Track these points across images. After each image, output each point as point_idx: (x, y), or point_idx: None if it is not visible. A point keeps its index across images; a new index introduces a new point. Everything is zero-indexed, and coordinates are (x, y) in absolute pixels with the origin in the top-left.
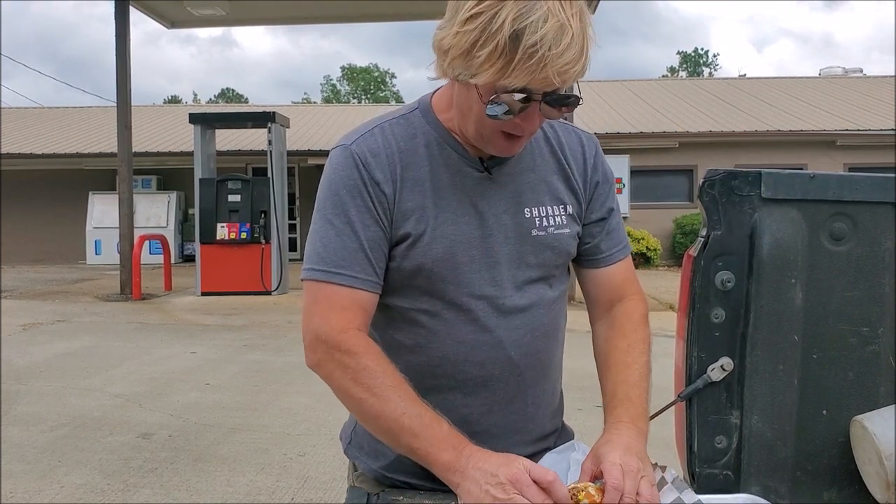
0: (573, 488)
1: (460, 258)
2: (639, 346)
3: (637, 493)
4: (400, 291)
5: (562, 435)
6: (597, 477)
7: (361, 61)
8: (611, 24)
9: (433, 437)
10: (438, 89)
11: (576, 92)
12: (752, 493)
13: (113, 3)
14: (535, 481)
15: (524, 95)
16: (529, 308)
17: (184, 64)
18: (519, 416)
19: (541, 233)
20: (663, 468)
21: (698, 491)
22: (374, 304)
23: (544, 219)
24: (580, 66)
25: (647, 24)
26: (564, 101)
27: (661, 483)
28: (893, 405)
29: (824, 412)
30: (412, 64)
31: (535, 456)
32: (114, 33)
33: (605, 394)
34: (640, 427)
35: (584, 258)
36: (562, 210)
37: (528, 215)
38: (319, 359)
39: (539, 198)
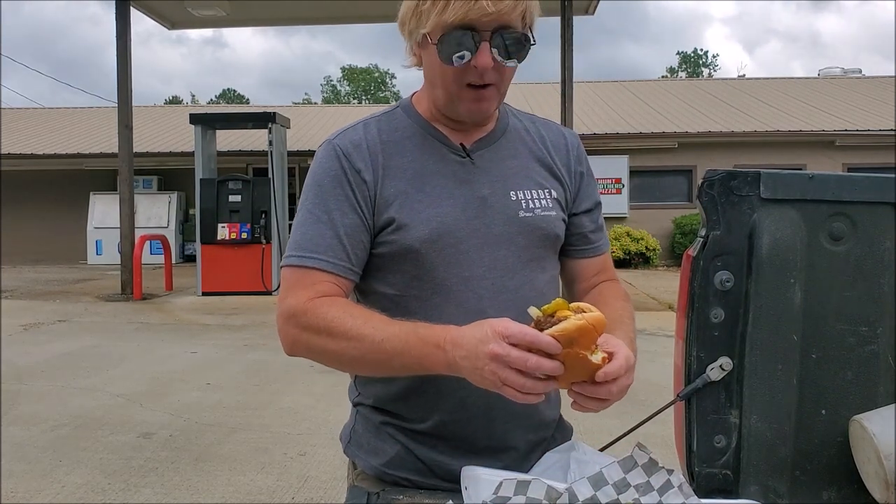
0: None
1: (447, 240)
2: (628, 312)
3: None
4: (391, 279)
5: (560, 427)
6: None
7: (353, 61)
8: (599, 24)
9: (416, 347)
10: (416, 92)
11: (523, 31)
12: (751, 493)
13: (113, 3)
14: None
15: (471, 32)
16: (519, 290)
17: (176, 65)
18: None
19: (528, 214)
20: (670, 471)
21: (698, 490)
22: (348, 289)
23: (530, 201)
24: None
25: (637, 25)
26: (510, 37)
27: (667, 486)
28: (893, 405)
29: (823, 412)
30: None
31: (536, 448)
32: (114, 34)
33: None
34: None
35: (573, 248)
36: (546, 194)
37: (514, 198)
38: (293, 337)
39: (523, 182)
